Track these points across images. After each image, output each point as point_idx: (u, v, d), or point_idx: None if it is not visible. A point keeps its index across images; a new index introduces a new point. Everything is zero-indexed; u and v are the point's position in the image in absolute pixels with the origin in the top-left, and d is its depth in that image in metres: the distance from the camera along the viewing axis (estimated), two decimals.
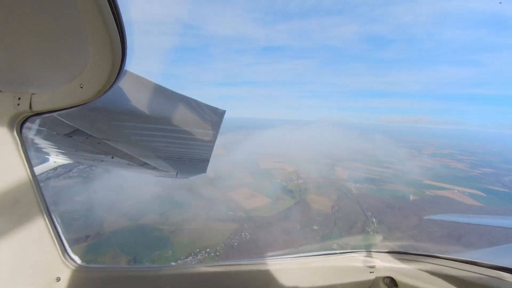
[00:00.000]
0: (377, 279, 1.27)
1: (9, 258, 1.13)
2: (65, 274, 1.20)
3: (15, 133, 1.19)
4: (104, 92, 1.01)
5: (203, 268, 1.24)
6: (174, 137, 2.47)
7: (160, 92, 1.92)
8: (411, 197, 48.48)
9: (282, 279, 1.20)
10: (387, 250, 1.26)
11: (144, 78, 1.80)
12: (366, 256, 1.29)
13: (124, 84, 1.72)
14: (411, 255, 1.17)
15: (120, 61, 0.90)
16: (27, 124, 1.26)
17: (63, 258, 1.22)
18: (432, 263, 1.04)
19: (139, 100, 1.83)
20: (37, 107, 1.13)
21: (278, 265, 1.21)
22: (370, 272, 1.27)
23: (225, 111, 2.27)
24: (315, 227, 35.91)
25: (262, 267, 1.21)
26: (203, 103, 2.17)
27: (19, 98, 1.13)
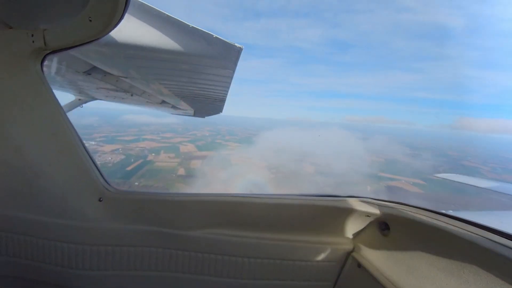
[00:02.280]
0: (371, 222, 1.37)
1: (60, 182, 1.27)
2: (106, 195, 1.33)
3: (37, 70, 1.18)
4: (114, 26, 0.99)
5: (219, 198, 1.39)
6: (190, 74, 2.49)
7: (173, 24, 1.85)
8: (368, 188, 52.64)
9: (285, 211, 1.36)
10: (387, 200, 1.36)
11: (156, 9, 1.75)
12: (365, 202, 1.37)
13: (135, 16, 1.70)
14: (409, 207, 1.24)
15: None
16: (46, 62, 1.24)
17: (103, 183, 1.33)
18: (428, 217, 1.10)
19: (153, 34, 1.82)
20: (51, 44, 1.11)
21: (283, 200, 1.36)
22: (367, 216, 1.35)
23: (242, 48, 2.17)
24: None
25: (270, 201, 1.36)
26: (220, 38, 2.09)
27: (32, 35, 1.11)
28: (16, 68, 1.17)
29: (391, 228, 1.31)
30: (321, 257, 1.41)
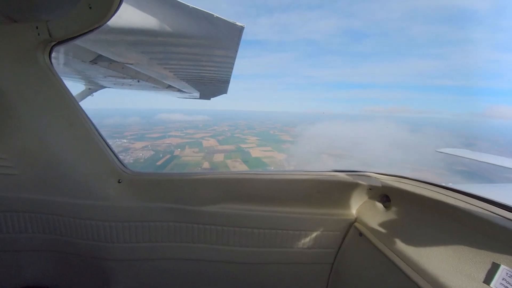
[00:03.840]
0: (373, 195, 1.39)
1: (81, 167, 1.34)
2: (124, 177, 1.38)
3: (46, 62, 1.18)
4: (114, 11, 0.98)
5: (228, 175, 1.42)
6: (193, 56, 2.43)
7: (173, 5, 1.75)
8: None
9: (291, 186, 1.39)
10: (389, 173, 1.36)
11: None
12: (367, 175, 1.38)
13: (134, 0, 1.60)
14: (410, 180, 1.23)
15: None
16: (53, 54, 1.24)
17: (120, 166, 1.38)
18: (428, 189, 1.09)
19: (153, 17, 1.74)
20: (56, 35, 1.11)
21: (289, 176, 1.38)
22: (369, 189, 1.37)
23: (243, 26, 2.03)
24: None
25: (276, 177, 1.39)
26: (221, 18, 1.95)
27: (37, 27, 1.10)
28: (26, 61, 1.18)
29: (391, 200, 1.32)
30: (325, 227, 1.46)
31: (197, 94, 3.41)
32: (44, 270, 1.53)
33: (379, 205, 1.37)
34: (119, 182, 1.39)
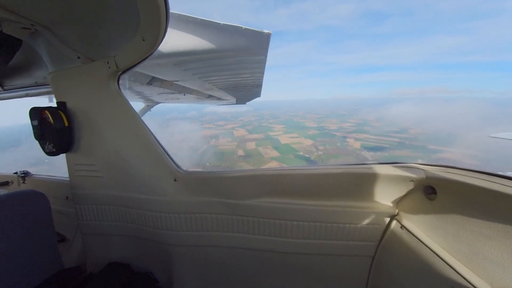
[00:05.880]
0: (416, 187, 1.26)
1: (146, 169, 1.57)
2: (178, 176, 1.55)
3: (116, 89, 1.42)
4: (161, 39, 1.10)
5: (267, 171, 1.44)
6: (228, 67, 2.60)
7: (206, 25, 1.91)
8: (420, 161, 46.05)
9: (328, 180, 1.35)
10: (433, 163, 1.23)
11: (190, 16, 1.82)
12: (408, 167, 1.26)
13: (175, 27, 1.81)
14: (458, 169, 1.11)
15: (164, 4, 0.95)
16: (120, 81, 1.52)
17: (175, 167, 1.57)
18: (482, 179, 0.96)
19: (192, 38, 1.92)
20: (121, 66, 1.32)
21: (325, 170, 1.34)
22: (411, 181, 1.24)
23: (270, 33, 2.13)
24: None
25: (312, 171, 1.36)
26: (249, 29, 2.09)
27: (107, 62, 1.34)
28: (102, 89, 1.45)
29: (438, 192, 1.17)
30: (364, 220, 1.41)
31: (234, 100, 3.65)
32: (125, 250, 1.79)
33: (424, 198, 1.24)
34: (175, 180, 1.56)
